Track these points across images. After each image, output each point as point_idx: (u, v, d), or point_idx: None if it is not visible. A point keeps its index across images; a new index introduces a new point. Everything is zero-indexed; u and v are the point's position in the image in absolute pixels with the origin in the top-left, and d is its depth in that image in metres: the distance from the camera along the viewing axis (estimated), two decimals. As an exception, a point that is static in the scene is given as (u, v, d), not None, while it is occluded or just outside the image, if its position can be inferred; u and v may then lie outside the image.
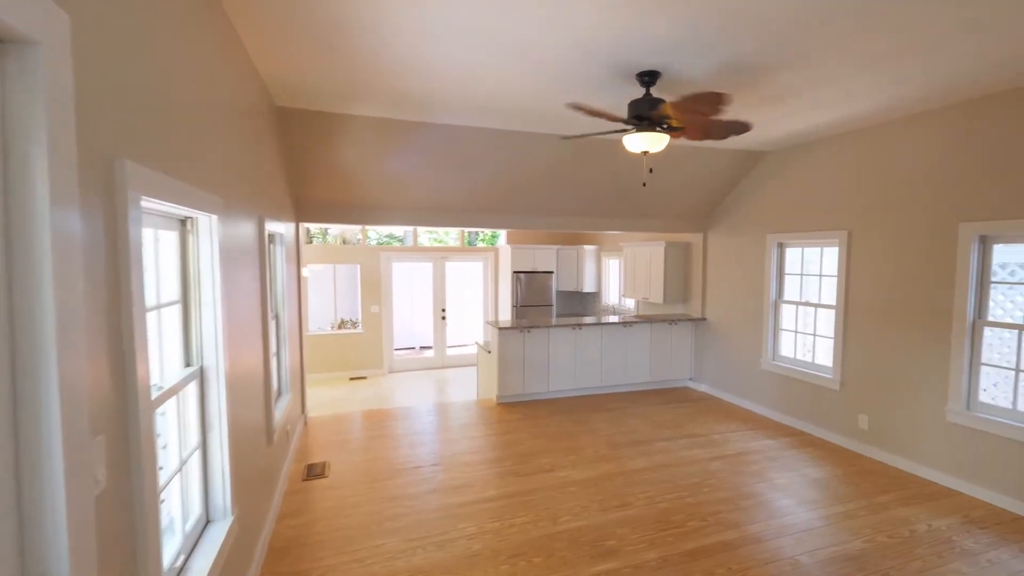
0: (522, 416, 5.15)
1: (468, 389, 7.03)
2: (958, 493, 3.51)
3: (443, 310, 8.61)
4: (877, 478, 3.76)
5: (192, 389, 1.86)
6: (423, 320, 8.93)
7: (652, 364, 6.09)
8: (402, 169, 4.59)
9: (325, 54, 2.77)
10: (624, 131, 3.08)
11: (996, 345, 3.49)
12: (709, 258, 6.03)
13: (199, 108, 1.84)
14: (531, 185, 5.10)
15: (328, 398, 6.68)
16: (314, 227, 9.23)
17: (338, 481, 3.67)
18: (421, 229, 8.70)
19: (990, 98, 3.33)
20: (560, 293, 9.05)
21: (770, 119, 3.99)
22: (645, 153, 3.02)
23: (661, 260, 6.27)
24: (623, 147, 4.65)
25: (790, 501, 3.40)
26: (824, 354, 4.67)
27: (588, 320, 6.08)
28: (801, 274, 4.95)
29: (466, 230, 8.94)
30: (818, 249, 4.74)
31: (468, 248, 8.96)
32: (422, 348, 9.59)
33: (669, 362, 6.15)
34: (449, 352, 8.76)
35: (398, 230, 10.38)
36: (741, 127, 2.70)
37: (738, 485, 3.63)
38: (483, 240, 10.47)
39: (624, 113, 3.04)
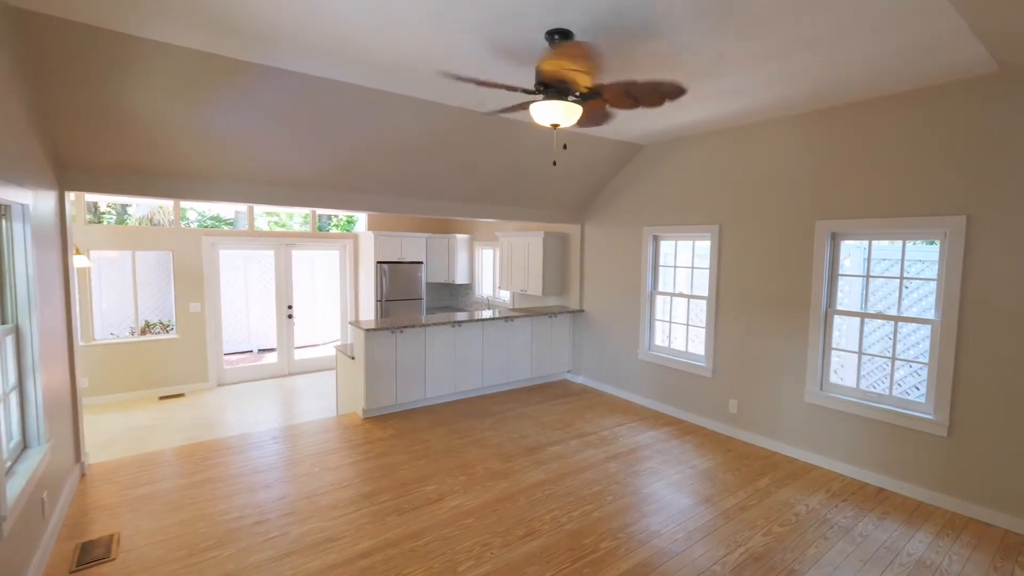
0: (396, 432, 4.42)
1: (325, 401, 5.98)
2: (817, 467, 3.83)
3: (289, 307, 7.28)
4: (752, 461, 3.94)
5: None
6: (263, 319, 7.46)
7: (533, 360, 5.81)
8: (232, 127, 3.46)
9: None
10: (530, 100, 2.58)
11: (844, 331, 3.85)
12: (587, 250, 5.94)
13: None
14: (401, 162, 4.34)
15: (125, 429, 5.05)
16: (105, 202, 7.04)
17: (134, 564, 2.56)
18: (258, 209, 7.19)
19: (845, 107, 3.60)
20: (430, 285, 8.36)
21: (655, 112, 3.89)
22: (555, 127, 2.55)
23: (540, 251, 6.01)
24: (507, 126, 4.22)
25: (689, 499, 3.32)
26: (697, 343, 4.85)
27: (469, 316, 5.54)
28: (675, 266, 5.08)
29: (318, 212, 7.68)
30: (690, 242, 4.88)
31: (321, 235, 7.71)
32: (262, 351, 8.07)
33: (549, 356, 5.95)
34: (298, 356, 7.47)
35: (227, 210, 8.56)
36: (673, 89, 2.38)
37: (638, 488, 3.46)
38: (337, 225, 9.21)
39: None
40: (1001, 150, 2.93)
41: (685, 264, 4.98)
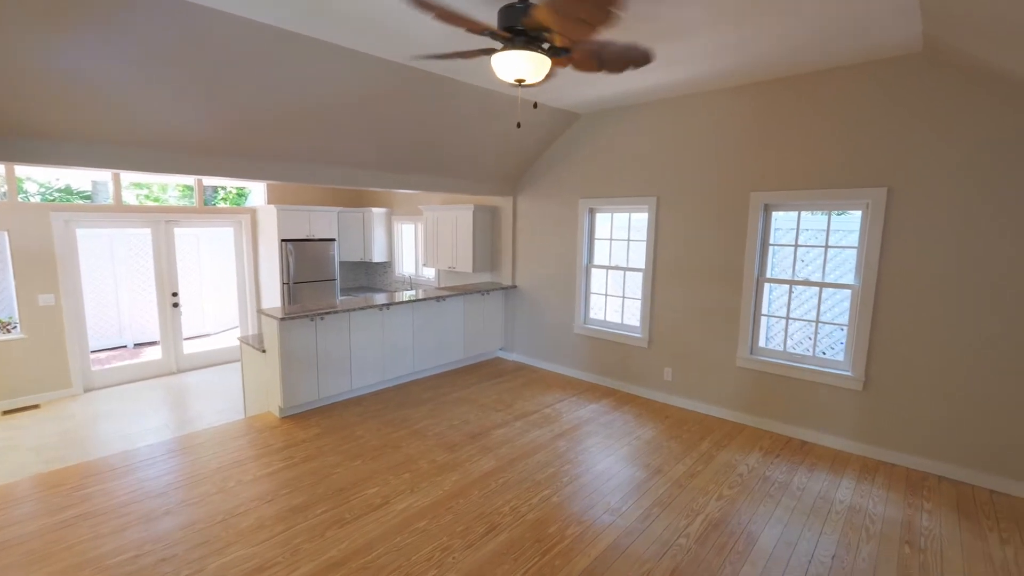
0: (322, 430, 3.94)
1: (230, 401, 5.24)
2: (748, 427, 4.06)
3: (174, 294, 6.23)
4: (691, 426, 4.07)
5: None
6: (140, 309, 6.33)
7: (466, 339, 5.54)
8: (91, 70, 2.67)
9: None
10: (490, 50, 2.23)
11: (773, 298, 4.06)
12: (519, 223, 5.72)
13: None
14: (310, 124, 3.74)
15: (-42, 457, 3.99)
16: None
17: (-9, 642, 1.96)
18: (125, 179, 5.98)
19: (780, 81, 3.69)
20: (344, 264, 7.65)
21: (592, 79, 3.71)
22: (520, 83, 2.25)
23: (470, 225, 5.68)
24: (436, 85, 3.79)
25: (641, 472, 3.33)
26: (632, 315, 4.89)
27: (393, 298, 5.10)
28: (611, 239, 5.04)
29: (205, 183, 6.59)
30: (627, 215, 4.85)
31: (211, 210, 6.64)
32: (139, 346, 6.88)
33: (482, 335, 5.71)
34: (189, 349, 6.47)
35: (82, 179, 7.07)
36: (642, 56, 2.19)
37: (591, 466, 3.40)
38: (225, 199, 8.03)
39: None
40: (919, 126, 3.16)
41: (621, 237, 4.96)
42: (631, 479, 3.23)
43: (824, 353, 3.89)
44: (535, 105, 2.74)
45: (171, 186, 7.03)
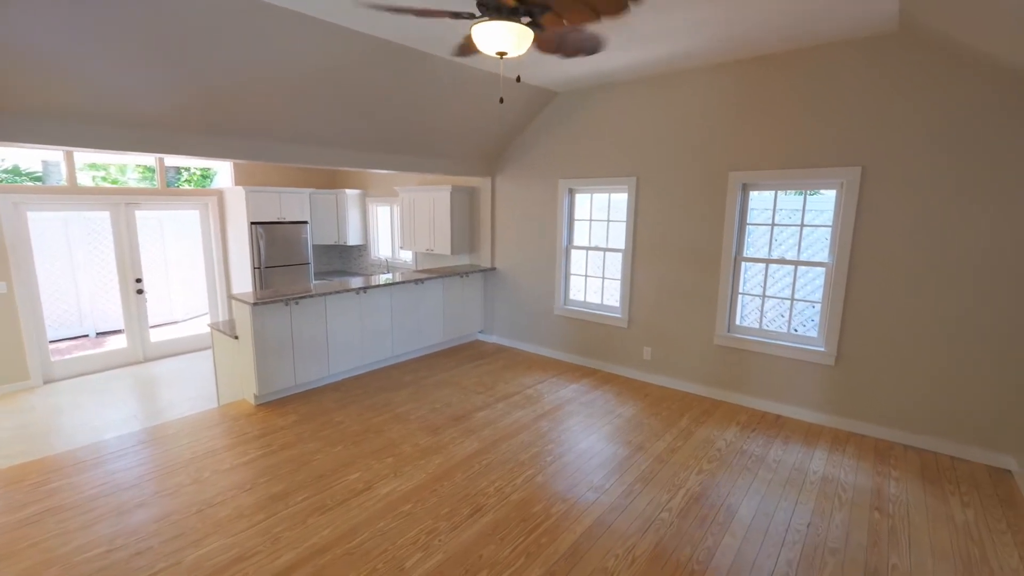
0: (300, 417, 3.86)
1: (201, 389, 5.07)
2: (724, 403, 4.15)
3: (138, 280, 5.96)
4: (670, 403, 4.14)
5: None
6: (103, 296, 6.03)
7: (446, 322, 5.49)
8: (31, 35, 2.46)
9: None
10: (457, 14, 2.14)
11: (750, 276, 4.12)
12: (498, 204, 5.64)
13: None
14: (280, 100, 3.57)
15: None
16: None
17: (-48, 646, 1.86)
18: (80, 159, 5.63)
19: (757, 60, 3.68)
20: (317, 248, 7.44)
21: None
22: (501, 56, 2.17)
23: (447, 206, 5.57)
24: (412, 60, 3.65)
25: (623, 449, 3.37)
26: (612, 296, 4.91)
27: (370, 281, 4.99)
28: (590, 220, 5.03)
29: (167, 161, 6.27)
30: (606, 195, 4.83)
31: (172, 192, 6.33)
32: (102, 335, 6.59)
33: (462, 318, 5.66)
34: (156, 337, 6.23)
35: (30, 159, 6.64)
36: (594, 46, 2.14)
37: (573, 445, 3.43)
38: (189, 180, 7.67)
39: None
40: (892, 106, 3.20)
41: (601, 218, 4.95)
42: (613, 456, 3.28)
43: (797, 330, 3.98)
44: (518, 79, 2.66)
45: (130, 167, 6.67)
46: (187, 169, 7.38)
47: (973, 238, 3.05)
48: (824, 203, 3.69)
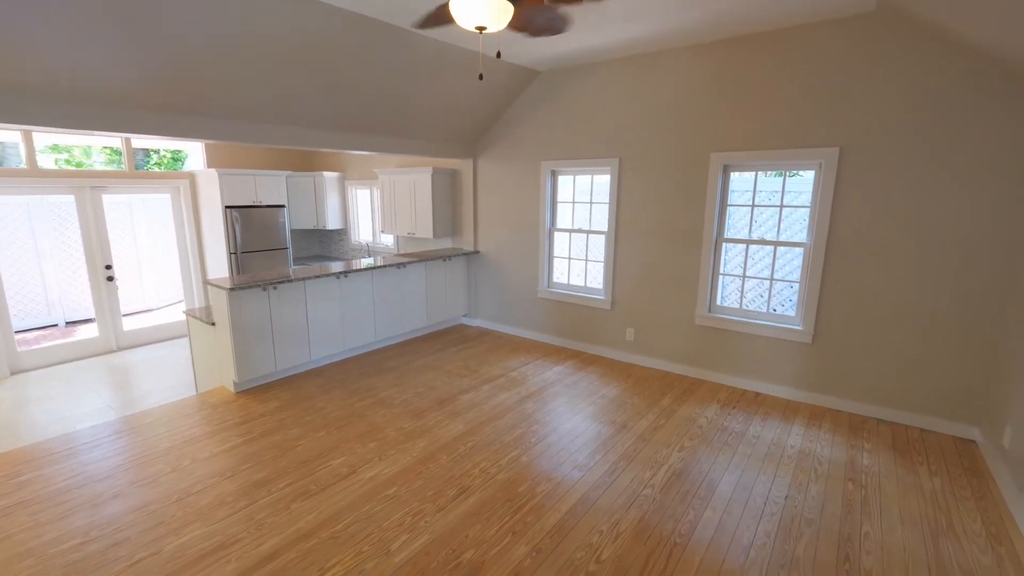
0: (282, 403, 3.81)
1: (178, 377, 4.97)
2: (706, 382, 4.23)
3: (108, 267, 5.76)
4: (652, 383, 4.20)
5: None
6: (71, 284, 5.82)
7: (429, 307, 5.44)
8: (-25, 1, 2.30)
9: None
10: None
11: (730, 256, 4.17)
12: (480, 187, 5.57)
13: None
14: (254, 77, 3.43)
15: None
16: None
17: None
18: (40, 141, 5.37)
19: (738, 40, 3.66)
20: (296, 232, 7.29)
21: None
22: (481, 31, 2.11)
23: (428, 189, 5.48)
24: (391, 36, 3.54)
25: (607, 428, 3.41)
26: (595, 278, 4.92)
27: (350, 266, 4.90)
28: (573, 202, 5.00)
29: (134, 143, 6.02)
30: (589, 177, 4.81)
31: (141, 174, 6.09)
32: (71, 324, 6.38)
33: (444, 302, 5.62)
34: (129, 326, 6.05)
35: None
36: (560, 27, 2.10)
37: (557, 425, 3.46)
38: (159, 163, 7.40)
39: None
40: (869, 87, 3.23)
41: (584, 200, 4.93)
42: (597, 436, 3.31)
43: (776, 310, 4.06)
44: (498, 54, 2.60)
45: (96, 149, 6.38)
46: (156, 151, 7.11)
47: (942, 219, 3.12)
48: (803, 184, 3.73)
